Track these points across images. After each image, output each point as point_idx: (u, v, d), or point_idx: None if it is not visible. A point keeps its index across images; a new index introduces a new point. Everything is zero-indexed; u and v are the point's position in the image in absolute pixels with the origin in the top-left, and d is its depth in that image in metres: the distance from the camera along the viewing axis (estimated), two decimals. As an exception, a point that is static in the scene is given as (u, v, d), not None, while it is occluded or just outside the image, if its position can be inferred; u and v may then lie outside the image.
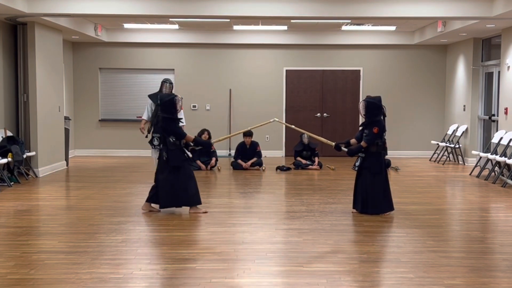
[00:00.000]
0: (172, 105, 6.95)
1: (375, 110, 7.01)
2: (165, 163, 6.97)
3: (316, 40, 13.46)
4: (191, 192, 7.02)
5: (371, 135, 6.95)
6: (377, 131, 6.94)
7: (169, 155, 6.94)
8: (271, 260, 5.10)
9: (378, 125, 6.96)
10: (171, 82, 9.02)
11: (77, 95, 13.73)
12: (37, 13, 9.17)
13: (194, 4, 9.19)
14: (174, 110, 6.97)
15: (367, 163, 7.04)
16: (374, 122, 6.98)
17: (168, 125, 6.96)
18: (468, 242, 5.87)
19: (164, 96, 7.09)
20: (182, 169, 7.01)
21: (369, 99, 7.10)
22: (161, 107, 7.00)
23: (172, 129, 6.96)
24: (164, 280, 4.56)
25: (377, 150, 7.02)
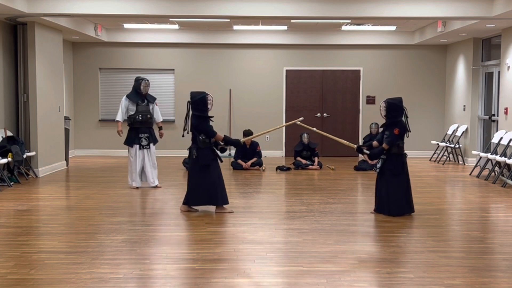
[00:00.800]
0: (203, 103, 6.95)
1: (395, 111, 6.98)
2: (195, 162, 6.97)
3: (316, 40, 13.46)
4: (219, 192, 7.02)
5: (392, 136, 6.92)
6: (398, 132, 6.90)
7: (199, 154, 6.94)
8: (271, 260, 5.10)
9: (399, 126, 6.94)
10: (148, 79, 8.98)
11: (77, 95, 13.73)
12: (37, 13, 9.17)
13: (194, 4, 9.19)
14: (205, 108, 6.97)
15: (388, 165, 7.00)
16: (394, 123, 6.95)
17: (199, 123, 6.95)
18: (468, 242, 5.87)
19: (195, 94, 7.05)
20: (212, 167, 7.00)
21: (390, 100, 7.05)
22: (192, 105, 6.99)
23: (203, 127, 6.95)
24: (164, 280, 4.55)
25: (398, 151, 6.99)
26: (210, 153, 7.03)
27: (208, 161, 6.98)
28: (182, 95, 13.77)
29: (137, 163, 8.84)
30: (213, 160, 7.04)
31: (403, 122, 7.01)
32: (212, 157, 7.05)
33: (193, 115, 6.99)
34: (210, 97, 7.03)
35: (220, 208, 7.09)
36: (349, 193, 8.86)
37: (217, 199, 7.04)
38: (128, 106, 8.86)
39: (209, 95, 7.03)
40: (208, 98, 6.98)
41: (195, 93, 7.07)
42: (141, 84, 8.86)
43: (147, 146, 8.90)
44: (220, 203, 7.07)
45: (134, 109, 8.84)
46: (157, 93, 9.96)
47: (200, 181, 6.96)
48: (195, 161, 6.98)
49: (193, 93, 7.08)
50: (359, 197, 8.87)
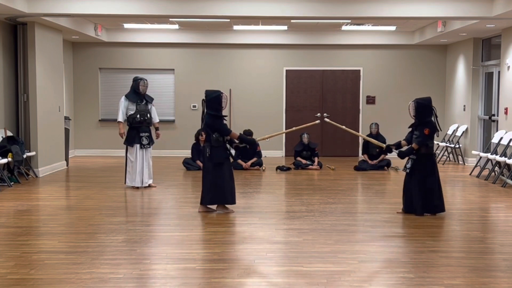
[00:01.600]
0: (218, 101, 6.95)
1: (425, 111, 6.98)
2: (208, 160, 6.97)
3: (316, 40, 13.46)
4: (229, 190, 7.03)
5: (422, 136, 6.92)
6: (428, 132, 6.89)
7: (212, 152, 6.94)
8: (271, 260, 5.10)
9: (429, 126, 6.94)
10: (146, 79, 9.01)
11: (77, 95, 13.73)
12: (37, 13, 9.17)
13: (194, 4, 9.19)
14: (219, 107, 6.97)
15: (418, 165, 6.98)
16: (425, 123, 6.95)
17: (213, 121, 6.95)
18: (468, 242, 5.87)
19: (210, 93, 7.05)
20: (224, 166, 7.01)
21: (419, 100, 7.04)
22: (206, 104, 6.99)
23: (217, 126, 6.95)
24: (164, 280, 4.55)
25: (427, 151, 7.00)
26: (223, 152, 7.03)
27: (221, 160, 6.98)
28: (182, 95, 13.79)
29: (137, 163, 8.83)
30: (226, 159, 7.05)
31: (433, 122, 7.00)
32: (226, 155, 7.05)
33: (207, 113, 6.99)
34: (225, 95, 7.04)
35: (222, 207, 7.10)
36: (349, 193, 8.86)
37: (226, 198, 7.04)
38: (127, 106, 8.85)
39: (223, 93, 7.03)
40: (223, 97, 6.99)
41: (210, 92, 7.07)
42: (139, 84, 8.86)
43: (147, 146, 8.90)
44: (230, 202, 7.07)
45: (133, 108, 8.83)
46: (157, 93, 9.96)
47: (213, 180, 6.96)
48: (208, 160, 6.98)
49: (208, 92, 7.08)
50: (359, 197, 8.88)
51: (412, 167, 7.03)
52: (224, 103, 6.99)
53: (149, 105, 8.99)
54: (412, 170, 7.03)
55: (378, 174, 10.88)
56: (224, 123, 7.04)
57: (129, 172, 8.90)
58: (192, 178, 10.24)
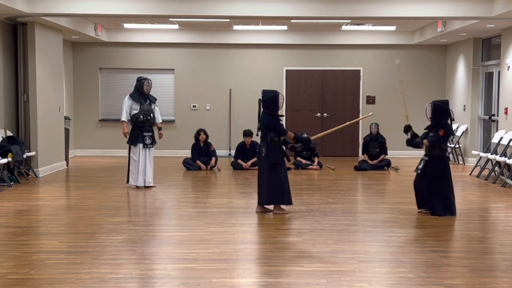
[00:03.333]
0: (275, 101, 6.96)
1: (441, 113, 7.01)
2: (264, 160, 6.98)
3: (316, 40, 13.45)
4: (286, 191, 7.03)
5: (437, 137, 6.97)
6: (443, 133, 6.95)
7: (269, 152, 6.94)
8: (271, 260, 5.10)
9: (444, 128, 6.96)
10: (150, 79, 9.02)
11: (77, 95, 13.73)
12: (37, 13, 9.17)
13: (194, 4, 9.19)
14: (276, 107, 6.98)
15: (431, 167, 7.01)
16: (440, 125, 7.00)
17: (271, 121, 6.95)
18: (468, 242, 5.87)
19: (266, 93, 7.07)
20: (280, 166, 7.01)
21: (436, 102, 7.09)
22: (263, 103, 7.01)
23: (275, 126, 6.96)
24: (164, 280, 4.55)
25: (440, 153, 7.03)
26: (280, 152, 7.03)
27: (277, 160, 6.99)
28: (182, 95, 13.79)
29: (140, 162, 8.84)
30: (282, 159, 7.05)
31: (449, 125, 7.05)
32: (281, 156, 7.05)
33: (264, 113, 7.01)
34: (281, 95, 7.04)
35: (279, 208, 7.09)
36: (349, 193, 8.86)
37: (283, 199, 7.04)
38: (131, 105, 8.86)
39: (280, 93, 7.04)
40: (279, 97, 7.00)
41: (267, 92, 7.10)
42: (143, 83, 8.87)
43: (150, 145, 8.91)
44: (286, 202, 7.07)
45: (137, 108, 8.84)
46: (157, 93, 9.94)
47: (270, 180, 6.96)
48: (264, 160, 6.98)
49: (265, 91, 7.11)
50: (359, 197, 8.88)
51: (424, 168, 7.04)
52: (280, 103, 7.01)
53: (152, 105, 9.01)
54: (423, 172, 7.05)
55: (378, 174, 10.88)
56: (280, 123, 7.06)
57: (132, 171, 8.90)
58: (192, 178, 10.24)
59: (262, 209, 7.15)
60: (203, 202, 7.97)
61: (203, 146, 11.42)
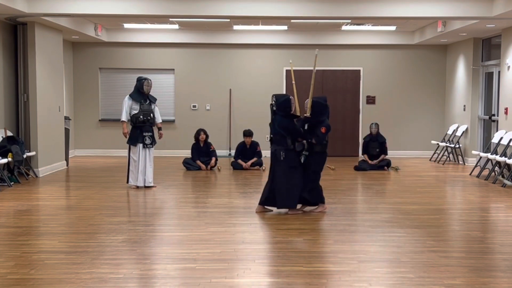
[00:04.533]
0: (288, 105, 7.04)
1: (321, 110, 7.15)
2: (282, 163, 7.00)
3: (316, 40, 13.44)
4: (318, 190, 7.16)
5: (320, 135, 7.08)
6: (325, 131, 7.09)
7: (287, 155, 6.99)
8: (271, 260, 5.10)
9: (325, 125, 7.11)
10: (150, 79, 9.03)
11: (77, 95, 13.73)
12: (37, 13, 9.17)
13: (194, 4, 9.19)
14: (289, 110, 7.06)
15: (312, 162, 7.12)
16: (321, 122, 7.11)
17: (288, 123, 7.02)
18: (468, 242, 5.87)
19: (279, 97, 7.15)
20: (299, 169, 7.05)
21: (315, 99, 7.20)
22: (277, 107, 7.08)
23: (292, 126, 7.02)
24: (164, 280, 4.56)
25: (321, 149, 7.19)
26: (297, 155, 7.09)
27: (295, 163, 7.04)
28: (182, 95, 13.79)
29: (140, 162, 8.84)
30: (299, 162, 7.09)
31: (327, 121, 7.19)
32: (298, 159, 7.09)
33: (280, 117, 7.06)
34: (293, 99, 7.11)
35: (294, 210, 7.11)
36: (349, 193, 8.86)
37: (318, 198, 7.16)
38: (131, 105, 8.86)
39: (292, 97, 7.11)
40: (292, 101, 7.08)
41: (279, 96, 7.20)
42: (143, 83, 8.87)
43: (150, 145, 8.92)
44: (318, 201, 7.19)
45: (137, 108, 8.85)
46: (157, 93, 9.94)
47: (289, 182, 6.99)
48: (282, 163, 7.01)
49: (277, 96, 7.21)
50: (359, 197, 8.88)
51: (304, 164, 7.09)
52: (293, 106, 7.08)
53: (152, 105, 9.02)
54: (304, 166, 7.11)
55: (378, 174, 10.88)
56: (296, 124, 7.11)
57: (132, 171, 8.91)
58: (192, 178, 10.24)
59: (262, 209, 7.16)
60: (203, 202, 7.97)
61: (203, 146, 11.42)
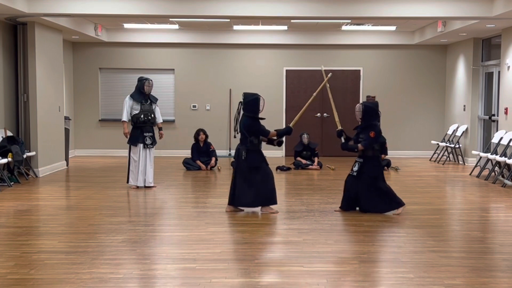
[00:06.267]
0: (256, 104, 7.00)
1: (371, 115, 7.11)
2: (243, 163, 6.98)
3: (316, 40, 13.45)
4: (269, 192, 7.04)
5: (368, 139, 7.04)
6: (373, 135, 7.03)
7: (248, 156, 6.97)
8: (271, 260, 5.10)
9: (374, 129, 7.06)
10: (151, 80, 9.03)
11: (77, 95, 13.73)
12: (37, 13, 9.17)
13: (194, 4, 9.19)
14: (257, 110, 7.03)
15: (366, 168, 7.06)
16: (370, 127, 7.07)
17: (251, 124, 6.99)
18: (468, 242, 5.88)
19: (247, 95, 7.10)
20: (261, 169, 7.03)
21: (366, 104, 7.18)
22: (244, 106, 7.04)
23: (256, 128, 6.99)
24: (164, 280, 4.56)
25: (373, 154, 7.12)
26: (259, 156, 7.07)
27: (257, 164, 7.01)
28: (182, 95, 13.79)
29: (140, 162, 8.84)
30: (262, 162, 7.08)
31: (378, 125, 7.18)
32: (261, 159, 7.08)
33: (244, 116, 7.04)
34: (262, 99, 7.08)
35: (268, 208, 7.09)
36: (349, 193, 8.84)
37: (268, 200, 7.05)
38: (132, 105, 8.87)
39: (261, 97, 7.08)
40: (260, 100, 7.04)
41: (248, 94, 7.14)
42: (144, 84, 8.88)
43: (150, 146, 8.92)
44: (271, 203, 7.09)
45: (138, 108, 8.85)
46: (157, 93, 9.93)
47: (248, 182, 6.96)
48: (243, 163, 6.99)
49: (246, 94, 7.14)
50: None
51: (359, 170, 7.08)
52: (261, 106, 7.04)
53: (153, 105, 9.02)
54: (359, 174, 7.08)
55: (378, 174, 10.86)
56: (261, 125, 7.08)
57: (132, 171, 8.91)
58: (192, 178, 10.24)
59: (233, 209, 7.14)
60: (203, 202, 7.97)
61: (203, 146, 11.42)
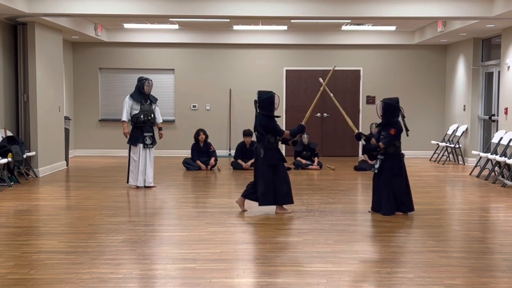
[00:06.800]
0: (271, 102, 6.99)
1: (392, 111, 7.04)
2: (262, 161, 6.98)
3: (316, 40, 13.45)
4: (286, 191, 7.05)
5: (389, 136, 6.99)
6: (394, 132, 6.96)
7: (266, 154, 6.97)
8: (271, 260, 5.10)
9: (395, 126, 7.00)
10: (151, 80, 9.04)
11: (77, 95, 13.73)
12: (37, 13, 9.17)
13: (194, 4, 9.19)
14: (272, 108, 7.01)
15: (386, 165, 7.02)
16: (391, 124, 7.02)
17: (267, 122, 6.98)
18: (468, 242, 5.88)
19: (262, 94, 7.08)
20: (279, 167, 7.03)
21: (386, 101, 7.10)
22: (259, 104, 7.04)
23: (271, 126, 6.98)
24: (164, 280, 4.56)
25: (394, 151, 7.05)
26: (277, 153, 7.07)
27: (276, 160, 7.01)
28: (182, 95, 13.79)
29: (140, 162, 8.85)
30: (280, 160, 7.08)
31: (399, 122, 7.07)
32: (279, 156, 7.08)
33: (260, 114, 7.04)
34: (277, 96, 7.07)
35: (281, 208, 7.09)
36: (349, 193, 8.86)
37: (284, 198, 7.05)
38: (132, 105, 8.87)
39: (276, 94, 7.07)
40: (275, 97, 7.02)
41: (263, 93, 7.12)
42: (144, 84, 8.88)
43: (150, 145, 8.92)
44: (287, 201, 7.09)
45: (138, 108, 8.85)
46: (157, 93, 9.93)
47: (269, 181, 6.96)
48: (262, 161, 6.99)
49: (261, 92, 7.13)
50: (359, 197, 8.87)
51: (380, 167, 7.06)
52: (276, 104, 7.03)
53: (153, 105, 9.02)
54: (380, 170, 7.06)
55: (378, 174, 10.86)
56: (277, 123, 7.08)
57: (132, 171, 8.91)
58: (192, 178, 10.24)
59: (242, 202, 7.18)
60: (203, 202, 7.97)
61: (203, 146, 11.42)
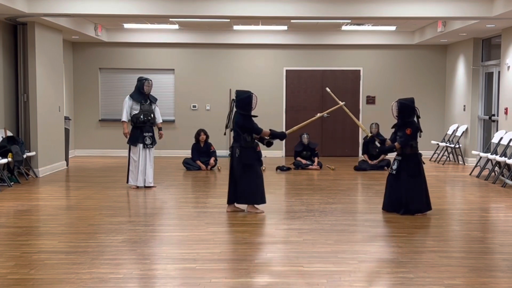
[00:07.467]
0: (248, 102, 7.00)
1: (407, 111, 7.04)
2: (238, 161, 6.99)
3: (316, 40, 13.45)
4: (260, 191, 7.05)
5: (405, 136, 6.99)
6: (410, 132, 6.97)
7: (242, 153, 6.97)
8: (271, 260, 5.10)
9: (411, 126, 7.00)
10: (151, 80, 9.04)
11: (77, 95, 13.73)
12: (37, 13, 9.17)
13: (194, 4, 9.19)
14: (250, 107, 7.02)
15: (404, 166, 7.03)
16: (407, 124, 7.02)
17: (244, 121, 6.99)
18: (468, 242, 5.88)
19: (240, 93, 7.11)
20: (254, 167, 7.04)
21: (402, 100, 7.10)
22: (236, 104, 7.06)
23: (250, 125, 7.00)
24: (164, 280, 4.56)
25: (412, 151, 7.07)
26: (253, 153, 7.09)
27: (251, 161, 7.02)
28: (182, 95, 13.79)
29: (140, 162, 8.85)
30: (255, 160, 7.09)
31: (415, 122, 7.07)
32: (255, 157, 7.10)
33: (237, 113, 7.05)
34: (255, 96, 7.08)
35: (252, 208, 7.09)
36: (349, 193, 8.86)
37: (256, 198, 7.06)
38: (132, 105, 8.87)
39: (254, 94, 7.08)
40: (253, 97, 7.03)
41: (241, 92, 7.14)
42: (144, 84, 8.88)
43: (150, 146, 8.93)
44: (259, 202, 7.09)
45: (138, 108, 8.86)
46: (157, 93, 9.94)
47: (243, 180, 6.97)
48: (238, 161, 7.00)
49: (239, 92, 7.15)
50: (359, 197, 8.88)
51: (398, 169, 7.06)
52: (254, 104, 7.04)
53: (153, 105, 9.03)
54: (398, 171, 7.06)
55: (378, 174, 10.87)
56: (254, 122, 7.08)
57: (132, 171, 8.91)
58: (192, 178, 10.24)
59: (233, 209, 7.15)
60: (203, 202, 7.97)
61: (203, 146, 11.42)
